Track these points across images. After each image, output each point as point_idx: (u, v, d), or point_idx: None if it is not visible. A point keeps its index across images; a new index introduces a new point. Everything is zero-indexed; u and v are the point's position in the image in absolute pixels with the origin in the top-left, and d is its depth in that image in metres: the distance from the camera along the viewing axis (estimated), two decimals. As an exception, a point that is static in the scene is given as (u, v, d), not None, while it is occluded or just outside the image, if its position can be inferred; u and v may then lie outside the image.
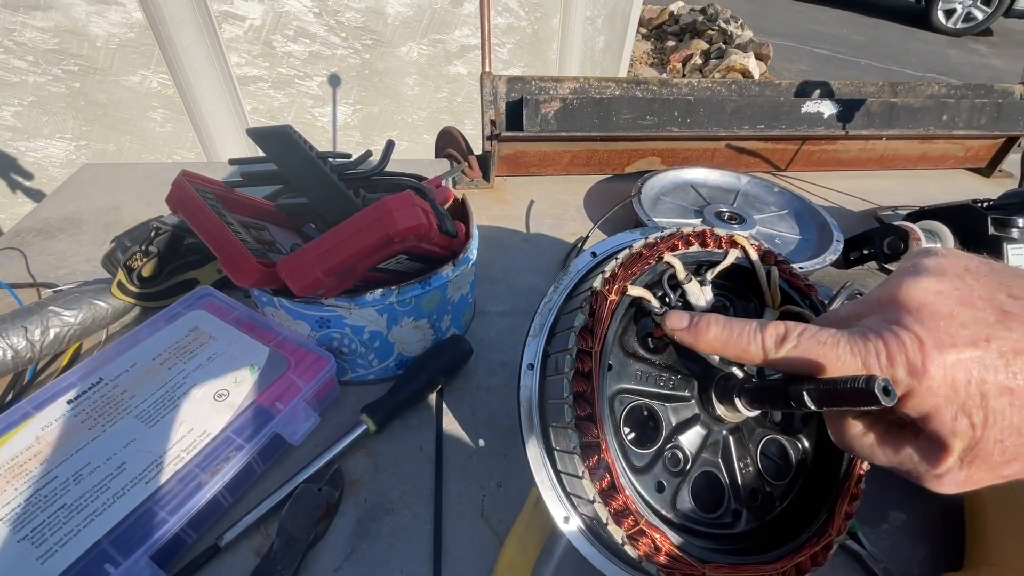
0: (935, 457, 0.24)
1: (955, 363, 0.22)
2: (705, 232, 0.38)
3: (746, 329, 0.27)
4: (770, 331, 0.26)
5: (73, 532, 0.34)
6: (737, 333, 0.27)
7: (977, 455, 0.23)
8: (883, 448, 0.26)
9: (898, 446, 0.25)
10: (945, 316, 0.22)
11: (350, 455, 0.46)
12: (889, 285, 0.25)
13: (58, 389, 0.42)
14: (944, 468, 0.23)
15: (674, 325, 0.30)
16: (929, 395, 0.22)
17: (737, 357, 0.28)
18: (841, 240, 0.70)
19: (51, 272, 0.65)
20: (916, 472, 0.25)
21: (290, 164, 0.44)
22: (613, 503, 0.31)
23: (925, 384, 0.22)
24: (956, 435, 0.22)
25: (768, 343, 0.26)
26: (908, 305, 0.23)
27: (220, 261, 0.41)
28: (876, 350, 0.23)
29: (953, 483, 0.24)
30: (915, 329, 0.22)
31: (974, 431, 0.22)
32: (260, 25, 1.56)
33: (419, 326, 0.50)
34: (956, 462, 0.23)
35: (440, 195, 0.57)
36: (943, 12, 5.36)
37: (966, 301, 0.23)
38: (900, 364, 0.22)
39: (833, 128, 0.87)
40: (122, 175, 0.84)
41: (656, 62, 4.11)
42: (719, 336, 0.28)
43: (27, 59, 1.38)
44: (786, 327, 0.26)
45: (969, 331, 0.22)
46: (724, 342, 0.28)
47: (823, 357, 0.24)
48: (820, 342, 0.24)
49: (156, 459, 0.38)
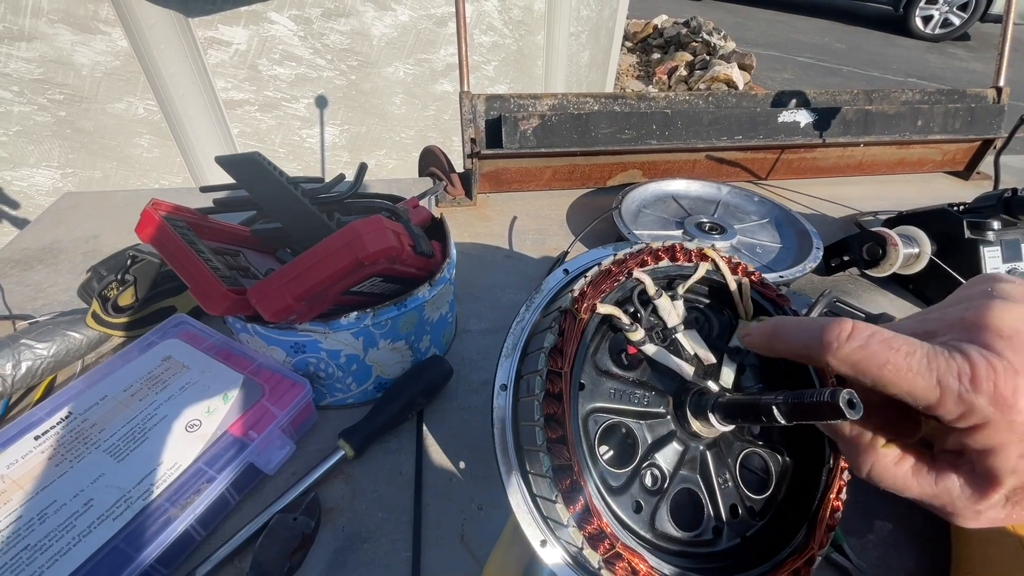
0: (981, 492, 0.22)
1: None
2: (675, 246, 0.38)
3: (809, 326, 0.25)
4: (834, 328, 0.24)
5: (37, 573, 0.33)
6: (799, 329, 0.26)
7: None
8: (919, 479, 0.24)
9: (939, 477, 0.23)
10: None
11: (327, 482, 0.45)
12: (972, 307, 0.23)
13: (25, 425, 0.41)
14: (988, 504, 0.22)
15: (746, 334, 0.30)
16: (1007, 430, 0.20)
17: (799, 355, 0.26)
18: (821, 247, 0.70)
19: (28, 303, 0.64)
20: (953, 506, 0.23)
21: (261, 190, 0.44)
22: (588, 527, 0.30)
23: (1008, 418, 0.20)
24: (1015, 472, 0.21)
25: (831, 338, 0.24)
26: (1001, 330, 0.21)
27: (190, 289, 0.41)
28: (960, 370, 0.20)
29: (989, 520, 0.22)
30: (1009, 357, 0.20)
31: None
32: (245, 50, 1.57)
33: (397, 348, 0.49)
34: (1002, 500, 0.22)
35: (417, 215, 0.57)
36: (921, 18, 5.47)
37: None
38: (985, 391, 0.20)
39: (810, 137, 0.88)
40: (103, 203, 0.84)
41: (642, 74, 4.17)
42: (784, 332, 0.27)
43: (12, 89, 1.39)
44: (854, 325, 0.24)
45: None
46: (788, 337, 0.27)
47: (892, 363, 0.22)
48: (893, 347, 0.22)
49: (124, 494, 0.37)
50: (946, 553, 0.41)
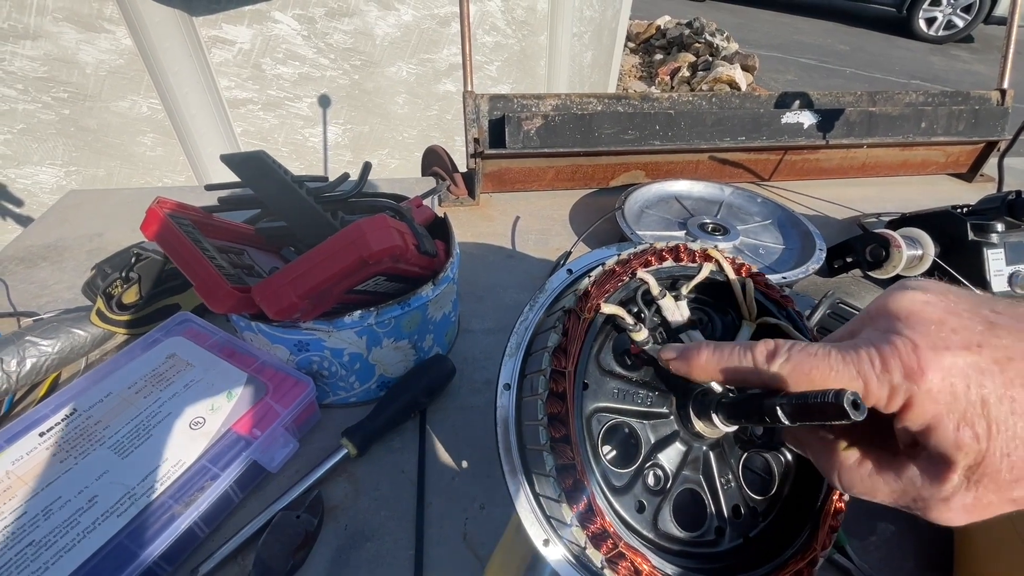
0: (939, 475, 0.23)
1: (951, 367, 0.21)
2: (679, 247, 0.38)
3: (736, 350, 0.27)
4: (760, 348, 0.26)
5: (41, 569, 0.33)
6: (728, 355, 0.27)
7: (984, 472, 0.22)
8: (883, 475, 0.25)
9: (899, 470, 0.24)
10: (936, 322, 0.23)
11: (330, 480, 0.45)
12: (877, 301, 0.26)
13: (30, 421, 0.41)
14: (950, 487, 0.22)
15: (667, 357, 0.31)
16: (929, 401, 0.22)
17: (732, 379, 0.28)
18: (824, 249, 0.70)
19: (32, 301, 0.64)
20: (921, 499, 0.24)
21: (265, 189, 0.44)
22: (591, 526, 0.30)
23: (924, 387, 0.22)
24: (960, 447, 0.21)
25: (759, 359, 0.26)
26: (898, 313, 0.24)
27: (195, 287, 0.41)
28: (870, 357, 0.23)
29: (961, 508, 0.23)
30: (907, 334, 0.23)
31: (978, 443, 0.21)
32: (249, 49, 1.58)
33: (400, 347, 0.49)
34: (962, 481, 0.22)
35: (420, 214, 0.57)
36: (924, 20, 5.46)
37: (953, 311, 0.23)
38: (896, 368, 0.22)
39: (814, 138, 0.88)
40: (107, 201, 0.84)
41: (645, 75, 4.16)
42: (711, 360, 0.28)
43: (16, 87, 1.39)
44: (775, 343, 0.26)
45: (960, 336, 0.22)
46: (716, 365, 0.28)
47: (816, 368, 0.24)
48: (811, 354, 0.24)
49: (129, 491, 0.37)
50: (949, 555, 0.41)
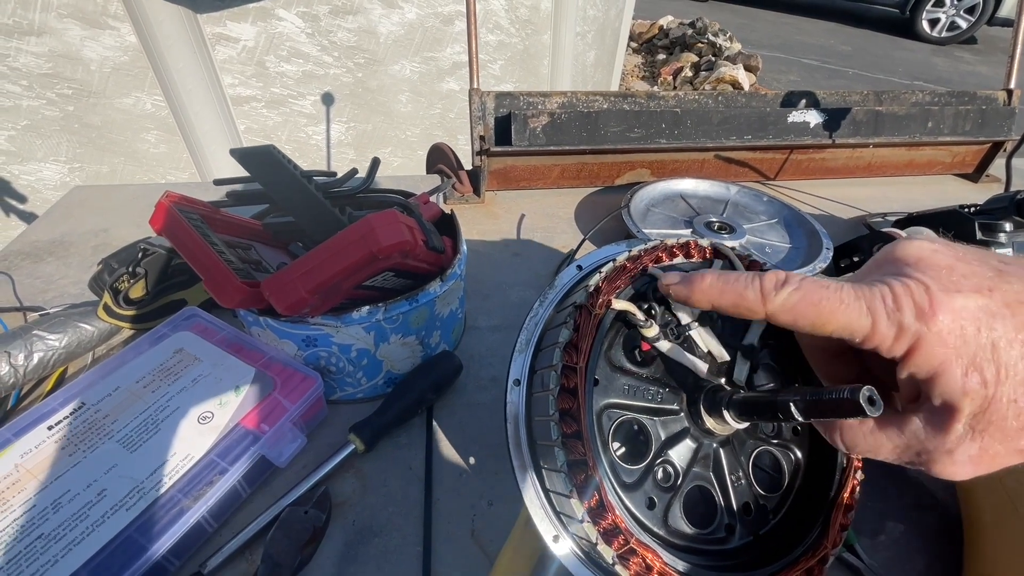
0: (944, 425, 0.22)
1: (962, 308, 0.21)
2: (689, 243, 0.38)
3: (742, 277, 0.26)
4: (769, 276, 0.25)
5: (51, 562, 0.33)
6: (733, 279, 0.26)
7: (991, 420, 0.21)
8: (886, 431, 0.25)
9: (902, 424, 0.24)
10: (945, 267, 0.22)
11: (338, 476, 0.45)
12: (883, 249, 0.25)
13: (39, 415, 0.41)
14: (954, 436, 0.22)
15: (669, 281, 0.30)
16: (939, 344, 0.21)
17: (734, 306, 0.26)
18: (831, 248, 0.70)
19: (39, 295, 0.64)
20: (925, 451, 0.23)
21: (275, 183, 0.44)
22: (602, 522, 0.30)
23: (935, 329, 0.21)
24: (966, 394, 0.21)
25: (767, 286, 0.25)
26: (907, 259, 0.23)
27: (204, 282, 0.41)
28: (882, 294, 0.22)
29: (967, 459, 0.22)
30: (918, 276, 0.22)
31: (986, 388, 0.21)
32: (253, 46, 1.58)
33: (407, 343, 0.49)
34: (967, 430, 0.22)
35: (428, 211, 0.57)
36: (928, 21, 5.45)
37: (962, 259, 0.23)
38: (907, 307, 0.22)
39: (820, 137, 0.88)
40: (112, 197, 0.84)
41: (647, 75, 4.16)
42: (715, 284, 0.27)
43: (21, 83, 1.39)
44: (787, 274, 0.25)
45: (971, 281, 0.22)
46: (720, 290, 0.27)
47: (826, 300, 0.23)
48: (823, 286, 0.24)
49: (138, 485, 0.37)
50: (958, 555, 0.41)
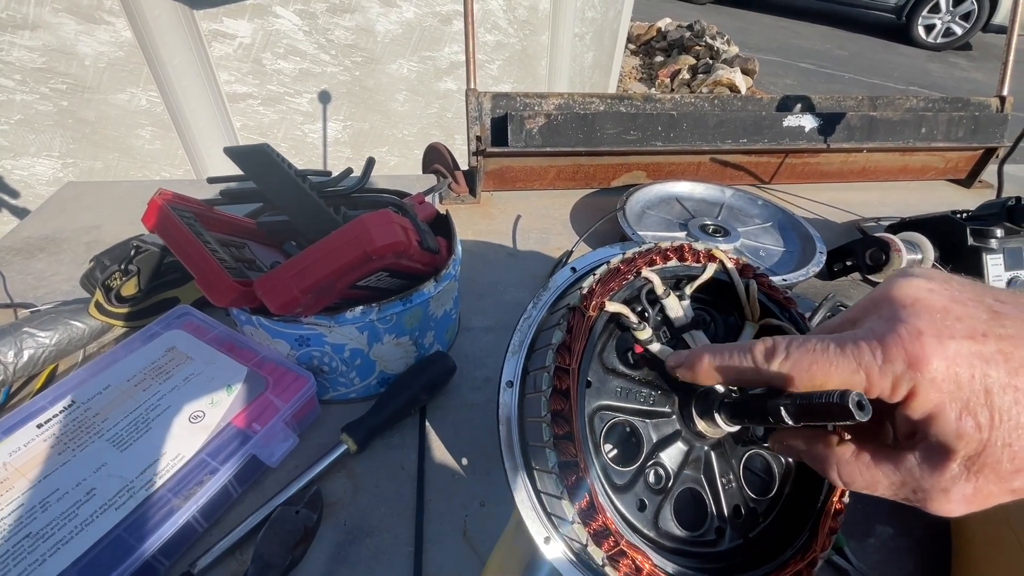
0: (939, 464, 0.22)
1: (956, 355, 0.21)
2: (683, 247, 0.38)
3: (735, 352, 0.27)
4: (758, 347, 0.26)
5: (38, 562, 0.33)
6: (728, 358, 0.27)
7: (985, 463, 0.22)
8: (882, 467, 0.25)
9: (897, 461, 0.24)
10: (940, 310, 0.22)
11: (330, 476, 0.45)
12: (880, 288, 0.25)
13: (28, 413, 0.41)
14: (949, 476, 0.22)
15: (671, 364, 0.31)
16: (932, 389, 0.21)
17: (736, 381, 0.28)
18: (824, 252, 0.70)
19: (30, 292, 0.64)
20: (921, 489, 0.23)
21: (269, 182, 0.44)
22: (593, 523, 0.30)
23: (928, 376, 0.21)
24: (960, 437, 0.21)
25: (758, 358, 0.26)
26: (902, 300, 0.23)
27: (196, 280, 0.41)
28: (871, 348, 0.22)
29: (961, 498, 0.23)
30: (912, 321, 0.22)
31: (980, 432, 0.21)
32: (250, 43, 1.57)
33: (401, 343, 0.49)
34: (962, 471, 0.22)
35: (423, 211, 0.56)
36: (923, 27, 5.49)
37: (957, 299, 0.23)
38: (898, 357, 0.22)
39: (815, 141, 0.88)
40: (105, 193, 0.83)
41: (645, 77, 4.17)
42: (712, 363, 0.28)
43: (14, 78, 1.38)
44: (773, 341, 0.26)
45: (965, 325, 0.22)
46: (718, 368, 0.28)
47: (816, 364, 0.24)
48: (809, 350, 0.24)
49: (127, 484, 0.37)
50: (946, 558, 0.41)
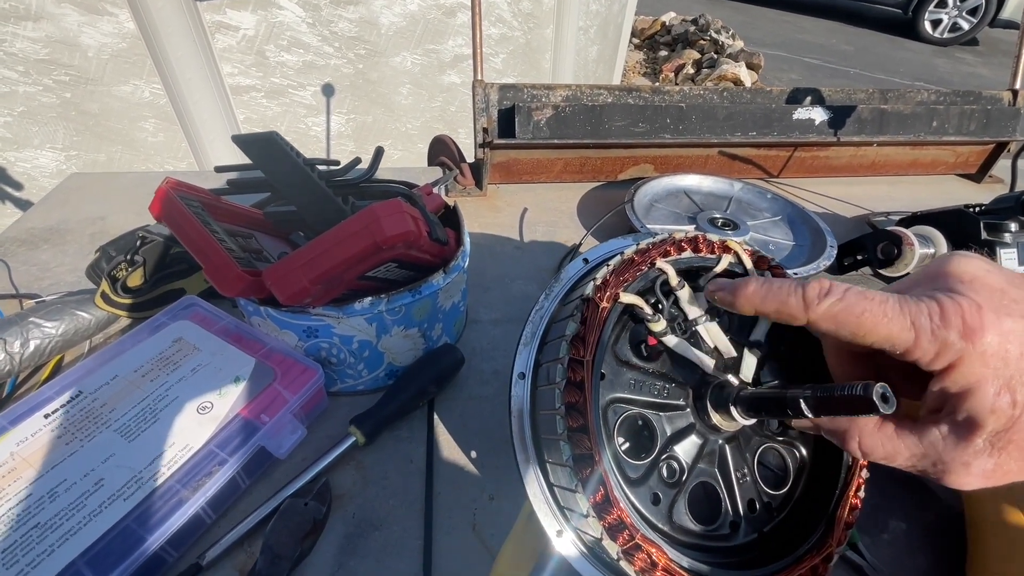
0: (964, 437, 0.23)
1: (1011, 331, 0.21)
2: (698, 238, 0.37)
3: (786, 284, 0.27)
4: (812, 286, 0.26)
5: (47, 552, 0.33)
6: (777, 287, 0.27)
7: (1011, 439, 0.22)
8: (904, 439, 0.25)
9: (921, 433, 0.24)
10: (998, 290, 0.23)
11: (338, 468, 0.44)
12: (935, 263, 0.25)
13: (35, 403, 0.40)
14: (973, 450, 0.22)
15: (712, 288, 0.31)
16: (979, 363, 0.21)
17: (777, 312, 0.27)
18: (835, 246, 0.69)
19: (35, 283, 0.63)
20: (942, 462, 0.23)
21: (277, 171, 0.43)
22: (607, 517, 0.30)
23: (979, 349, 0.21)
24: (993, 412, 0.21)
25: (810, 295, 0.25)
26: (961, 276, 0.23)
27: (204, 270, 0.40)
28: (929, 309, 0.22)
29: (981, 473, 0.23)
30: (971, 295, 0.22)
31: (1014, 408, 0.21)
32: (253, 35, 1.56)
33: (409, 335, 0.49)
34: (986, 445, 0.22)
35: (431, 202, 0.56)
36: (930, 22, 5.44)
37: (1013, 283, 0.23)
38: (954, 326, 0.22)
39: (824, 135, 0.87)
40: (109, 184, 0.83)
41: (649, 71, 4.14)
42: (758, 292, 0.28)
43: (17, 69, 1.37)
44: (830, 283, 0.25)
45: (1021, 307, 0.22)
46: (764, 296, 0.27)
47: (869, 312, 0.23)
48: (867, 297, 0.24)
49: (135, 475, 0.37)
50: (961, 553, 0.41)
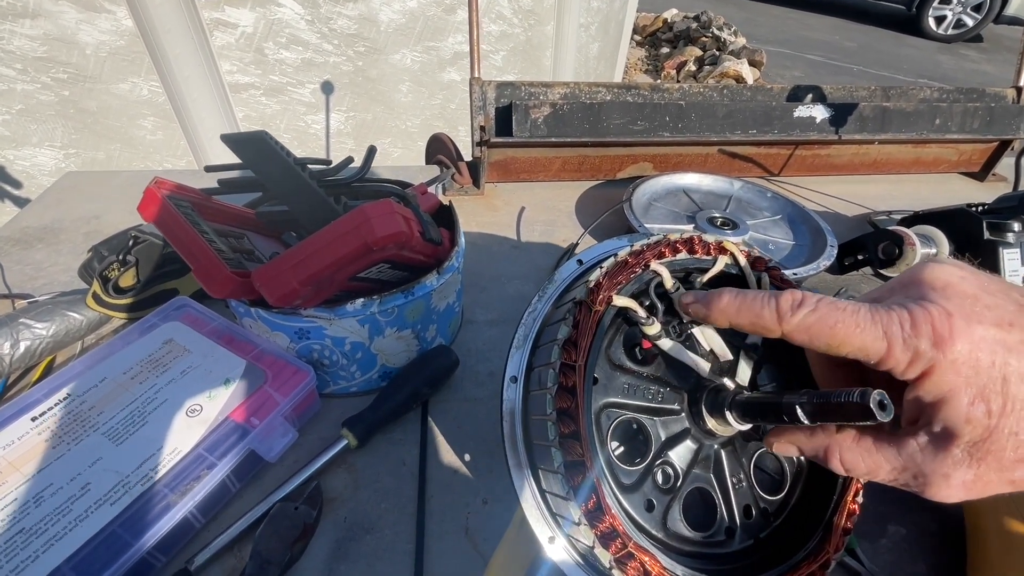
0: (942, 448, 0.23)
1: (981, 339, 0.21)
2: (693, 239, 0.37)
3: (760, 296, 0.27)
4: (786, 297, 0.26)
5: (31, 558, 0.32)
6: (751, 299, 0.27)
7: (989, 450, 0.22)
8: (884, 452, 0.25)
9: (899, 445, 0.24)
10: (970, 296, 0.23)
11: (330, 471, 0.44)
12: (909, 271, 0.25)
13: (23, 405, 0.40)
14: (951, 461, 0.23)
15: (686, 301, 0.31)
16: (951, 371, 0.22)
17: (751, 324, 0.27)
18: (835, 245, 0.68)
19: (28, 283, 0.63)
20: (922, 475, 0.24)
21: (267, 171, 0.43)
22: (600, 525, 0.29)
23: (950, 357, 0.21)
24: (968, 422, 0.22)
25: (783, 307, 0.25)
26: (934, 283, 0.23)
27: (193, 271, 0.40)
28: (900, 319, 0.22)
29: (961, 484, 0.23)
30: (942, 303, 0.22)
31: (989, 419, 0.21)
32: (252, 32, 1.55)
33: (403, 337, 0.48)
34: (964, 456, 0.22)
35: (426, 201, 0.55)
36: (934, 19, 5.40)
37: (986, 289, 0.23)
38: (925, 334, 0.22)
39: (826, 133, 0.86)
40: (105, 183, 0.82)
41: (650, 68, 4.12)
42: (732, 303, 0.28)
43: (15, 67, 1.37)
44: (802, 294, 0.25)
45: (993, 313, 0.22)
46: (737, 308, 0.27)
47: (841, 323, 0.23)
48: (839, 308, 0.24)
49: (123, 479, 0.36)
50: (961, 559, 0.40)
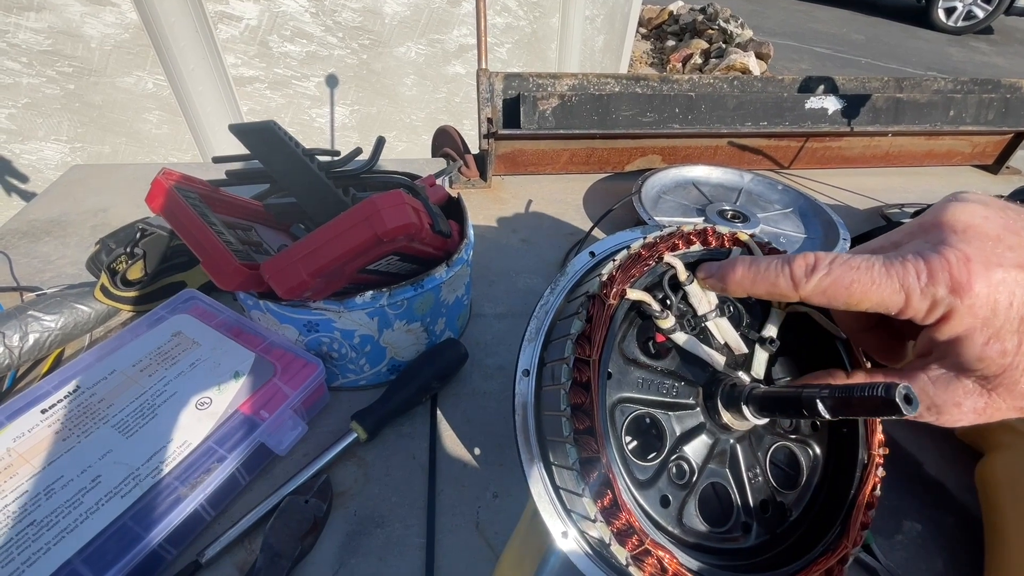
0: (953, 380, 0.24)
1: (1000, 282, 0.21)
2: (707, 230, 0.36)
3: (773, 263, 0.26)
4: (798, 262, 0.25)
5: (43, 550, 0.32)
6: (764, 267, 0.27)
7: (1002, 382, 0.22)
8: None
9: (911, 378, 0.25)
10: (992, 238, 0.22)
11: (339, 465, 0.44)
12: (931, 211, 0.25)
13: (33, 398, 0.40)
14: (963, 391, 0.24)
15: (702, 275, 0.31)
16: (968, 315, 0.22)
17: (768, 294, 0.27)
18: (848, 239, 0.68)
19: (36, 276, 0.63)
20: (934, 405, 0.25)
21: (275, 162, 0.42)
22: (615, 522, 0.29)
23: (967, 302, 0.21)
24: (982, 360, 0.22)
25: (797, 273, 0.25)
26: (954, 226, 0.23)
27: (202, 263, 0.39)
28: (916, 270, 0.22)
29: (972, 410, 0.24)
30: (961, 247, 0.22)
31: (1004, 357, 0.22)
32: (256, 25, 1.54)
33: (412, 330, 0.48)
34: (976, 386, 0.23)
35: (434, 194, 0.55)
36: (943, 10, 5.33)
37: (1012, 228, 0.22)
38: (942, 282, 0.21)
39: (837, 124, 0.85)
40: (111, 176, 0.82)
41: (656, 62, 4.09)
42: (746, 273, 0.28)
43: (21, 60, 1.37)
44: (816, 256, 0.25)
45: (1016, 254, 0.22)
46: (752, 278, 0.27)
47: (857, 282, 0.23)
48: (854, 267, 0.23)
49: (133, 471, 0.36)
50: (978, 556, 0.40)
